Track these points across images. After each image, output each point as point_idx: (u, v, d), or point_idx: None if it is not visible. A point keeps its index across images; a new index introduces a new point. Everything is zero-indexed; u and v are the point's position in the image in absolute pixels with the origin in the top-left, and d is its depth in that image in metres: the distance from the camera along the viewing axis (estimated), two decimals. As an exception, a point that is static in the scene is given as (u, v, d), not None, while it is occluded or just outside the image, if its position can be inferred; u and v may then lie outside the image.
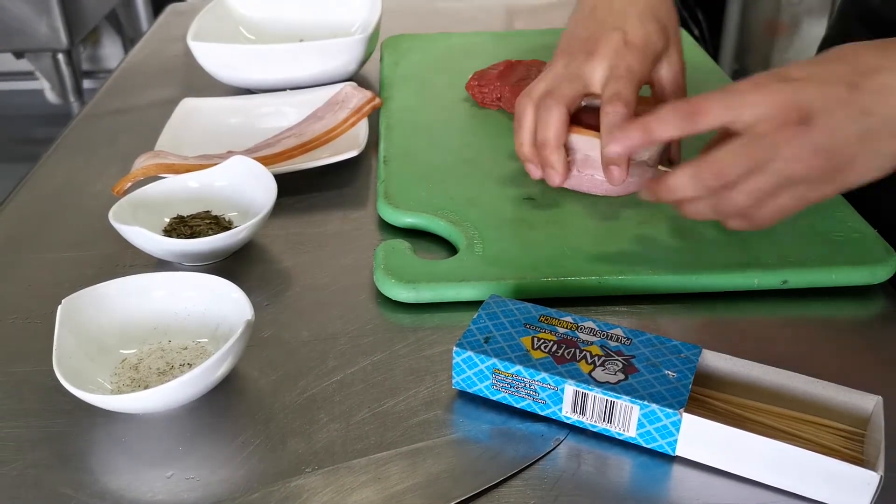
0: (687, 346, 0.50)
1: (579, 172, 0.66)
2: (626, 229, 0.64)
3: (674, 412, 0.46)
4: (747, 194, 0.53)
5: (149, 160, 0.70)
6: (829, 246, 0.62)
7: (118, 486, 0.46)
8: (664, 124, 0.55)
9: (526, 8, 1.21)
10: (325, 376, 0.53)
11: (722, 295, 0.60)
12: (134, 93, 0.95)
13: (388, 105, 0.85)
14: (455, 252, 0.63)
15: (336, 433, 0.49)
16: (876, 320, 0.59)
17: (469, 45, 0.99)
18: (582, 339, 0.50)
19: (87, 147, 0.83)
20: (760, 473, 0.46)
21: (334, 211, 0.71)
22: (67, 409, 0.51)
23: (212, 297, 0.55)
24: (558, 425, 0.49)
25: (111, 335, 0.54)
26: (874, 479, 0.42)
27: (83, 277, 0.61)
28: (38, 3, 1.89)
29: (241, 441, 0.49)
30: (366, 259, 0.64)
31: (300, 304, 0.60)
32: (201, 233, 0.64)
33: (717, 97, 0.53)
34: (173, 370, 0.53)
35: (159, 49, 1.08)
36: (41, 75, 2.19)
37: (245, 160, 0.69)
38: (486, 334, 0.51)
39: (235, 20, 1.00)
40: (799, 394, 0.49)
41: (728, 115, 0.52)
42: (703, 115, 0.53)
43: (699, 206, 0.55)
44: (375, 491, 0.45)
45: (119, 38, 2.82)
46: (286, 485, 0.46)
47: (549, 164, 0.65)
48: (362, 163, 0.78)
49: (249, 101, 0.87)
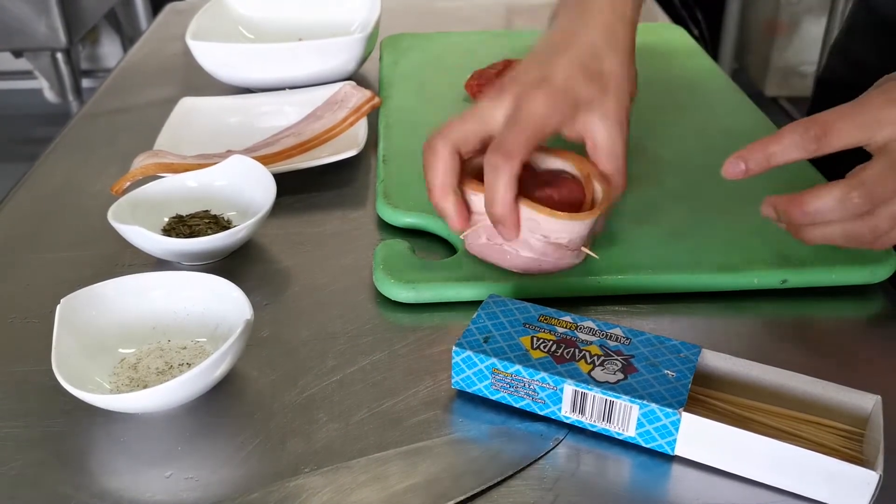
0: (686, 346, 0.50)
1: (488, 241, 0.59)
2: (625, 229, 0.64)
3: (673, 412, 0.46)
4: (889, 218, 0.50)
5: (147, 159, 0.70)
6: (828, 245, 0.62)
7: (117, 486, 0.46)
8: (788, 147, 0.50)
9: (525, 7, 1.21)
10: (324, 376, 0.53)
11: (722, 295, 0.60)
12: (133, 92, 0.95)
13: (388, 104, 0.85)
14: (454, 252, 0.63)
15: (335, 433, 0.49)
16: (875, 320, 0.59)
17: (468, 45, 0.99)
18: (581, 338, 0.50)
19: (86, 146, 0.83)
20: (760, 473, 0.46)
21: (333, 211, 0.71)
22: (66, 408, 0.51)
23: (211, 297, 0.55)
24: (558, 425, 0.49)
25: (110, 335, 0.54)
26: (873, 478, 0.42)
27: (82, 277, 0.61)
28: (37, 3, 1.89)
29: (241, 441, 0.49)
30: (365, 259, 0.64)
31: (299, 304, 0.60)
32: (200, 232, 0.64)
33: (848, 115, 0.49)
34: (172, 370, 0.53)
35: (158, 48, 1.08)
36: (40, 74, 2.19)
37: (244, 159, 0.69)
38: (486, 334, 0.51)
39: (234, 19, 1.00)
40: (798, 393, 0.49)
41: (863, 134, 0.49)
42: (833, 136, 0.49)
43: (832, 229, 0.52)
44: (375, 491, 0.45)
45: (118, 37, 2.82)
46: (285, 484, 0.46)
47: (441, 212, 0.58)
48: (361, 162, 0.78)
49: (248, 101, 0.87)
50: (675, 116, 0.81)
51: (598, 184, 0.59)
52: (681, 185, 0.71)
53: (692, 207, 0.67)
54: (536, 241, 0.57)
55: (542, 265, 0.58)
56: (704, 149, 0.76)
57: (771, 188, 0.70)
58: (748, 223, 0.65)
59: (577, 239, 0.57)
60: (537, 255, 0.58)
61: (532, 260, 0.58)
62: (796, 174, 0.71)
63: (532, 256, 0.58)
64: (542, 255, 0.58)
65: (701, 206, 0.67)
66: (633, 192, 0.69)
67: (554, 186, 0.58)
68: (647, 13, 1.21)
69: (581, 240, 0.58)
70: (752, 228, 0.64)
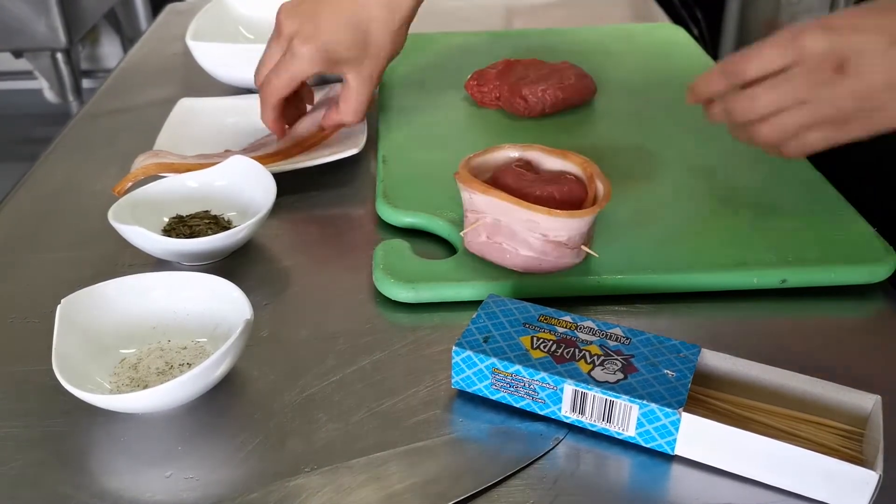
0: (686, 346, 0.50)
1: (488, 239, 0.59)
2: (625, 229, 0.64)
3: (673, 411, 0.46)
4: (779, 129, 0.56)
5: (148, 159, 0.70)
6: (828, 245, 0.62)
7: (117, 486, 0.46)
8: (704, 83, 0.59)
9: (525, 7, 1.21)
10: (324, 376, 0.53)
11: (722, 295, 0.60)
12: (133, 92, 0.95)
13: (388, 104, 0.85)
14: (454, 252, 0.63)
15: (335, 433, 0.49)
16: (875, 320, 0.59)
17: (468, 45, 0.99)
18: (581, 338, 0.50)
19: (86, 147, 0.83)
20: (760, 473, 0.46)
21: (333, 210, 0.71)
22: (67, 408, 0.51)
23: (211, 297, 0.55)
24: (557, 425, 0.49)
25: (110, 335, 0.54)
26: (873, 478, 0.42)
27: (82, 277, 0.61)
28: (37, 3, 1.89)
29: (241, 441, 0.49)
30: (365, 259, 0.64)
31: (299, 304, 0.60)
32: (200, 232, 0.64)
33: (757, 49, 0.55)
34: (172, 370, 0.53)
35: (158, 48, 1.08)
36: (40, 75, 2.19)
37: (244, 160, 0.69)
38: (486, 334, 0.51)
39: (234, 19, 1.00)
40: (798, 393, 0.49)
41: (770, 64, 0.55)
42: (744, 70, 0.56)
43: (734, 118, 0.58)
44: (374, 490, 0.45)
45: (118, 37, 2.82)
46: (285, 484, 0.46)
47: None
48: (362, 162, 0.78)
49: (248, 101, 0.87)
50: (675, 116, 0.81)
51: (601, 183, 0.59)
52: (681, 185, 0.71)
53: (692, 207, 0.67)
54: (536, 240, 0.57)
55: (543, 264, 0.58)
56: (704, 149, 0.76)
57: (771, 188, 0.70)
58: (748, 223, 0.65)
59: (576, 237, 0.57)
60: (537, 253, 0.58)
61: (532, 259, 0.58)
62: (796, 174, 0.71)
63: (532, 255, 0.58)
64: (542, 254, 0.58)
65: (701, 206, 0.67)
66: (633, 192, 0.69)
67: (556, 185, 0.58)
68: (647, 13, 1.21)
69: (581, 237, 0.58)
70: (752, 228, 0.64)
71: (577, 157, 0.62)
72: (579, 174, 0.61)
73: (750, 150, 0.64)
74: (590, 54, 0.94)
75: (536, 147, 0.63)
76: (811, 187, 0.69)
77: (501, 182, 0.60)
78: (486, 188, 0.57)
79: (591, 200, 0.59)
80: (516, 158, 0.63)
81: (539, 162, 0.63)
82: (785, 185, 0.70)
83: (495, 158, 0.63)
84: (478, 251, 0.60)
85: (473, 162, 0.62)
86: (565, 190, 0.58)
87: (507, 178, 0.60)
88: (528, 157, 0.63)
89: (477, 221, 0.59)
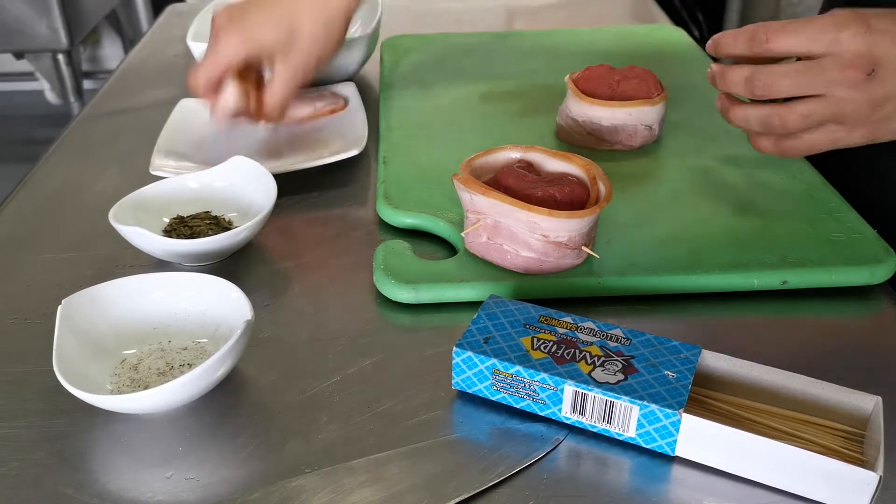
0: (686, 347, 0.50)
1: (489, 240, 0.59)
2: (626, 230, 0.64)
3: (673, 412, 0.46)
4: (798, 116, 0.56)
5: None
6: (828, 246, 0.62)
7: (118, 487, 0.46)
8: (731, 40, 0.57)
9: (526, 8, 1.21)
10: (324, 377, 0.53)
11: (722, 295, 0.60)
12: (134, 93, 0.95)
13: (388, 105, 0.85)
14: (454, 252, 0.63)
15: (335, 433, 0.49)
16: (875, 320, 0.59)
17: (469, 46, 0.99)
18: (581, 339, 0.50)
19: (87, 147, 0.83)
20: (760, 474, 0.46)
21: (334, 211, 0.71)
22: (67, 409, 0.51)
23: (212, 298, 0.55)
24: (558, 425, 0.49)
25: (111, 335, 0.54)
26: (873, 479, 0.42)
27: (83, 278, 0.61)
28: (37, 4, 1.89)
29: (241, 441, 0.49)
30: (365, 259, 0.64)
31: (300, 305, 0.60)
32: (201, 233, 0.64)
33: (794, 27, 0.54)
34: (173, 370, 0.53)
35: (159, 49, 1.08)
36: (41, 76, 2.19)
37: (245, 160, 0.69)
38: (486, 335, 0.51)
39: (235, 20, 1.00)
40: (798, 394, 0.49)
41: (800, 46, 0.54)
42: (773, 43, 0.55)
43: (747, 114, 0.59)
44: (375, 491, 0.45)
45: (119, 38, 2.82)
46: (286, 485, 0.46)
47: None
48: (362, 163, 0.78)
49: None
50: (674, 117, 0.81)
51: (603, 185, 0.59)
52: (681, 185, 0.71)
53: (692, 208, 0.67)
54: (536, 241, 0.57)
55: (543, 265, 0.58)
56: (704, 149, 0.76)
57: (771, 190, 0.70)
58: (748, 223, 0.65)
59: (576, 237, 0.57)
60: (538, 254, 0.58)
61: (533, 259, 0.58)
62: (796, 175, 0.71)
63: (533, 256, 0.58)
64: (543, 255, 0.58)
65: (701, 207, 0.67)
66: (633, 192, 0.69)
67: (557, 187, 0.58)
68: (647, 14, 1.21)
69: (581, 238, 0.58)
70: (752, 229, 0.64)
71: (580, 158, 0.62)
72: (582, 176, 0.61)
73: (750, 152, 0.64)
74: (590, 56, 0.94)
75: (538, 149, 0.63)
76: (811, 188, 0.69)
77: (503, 183, 0.60)
78: (486, 189, 0.58)
79: (594, 202, 0.59)
80: (518, 160, 0.63)
81: (541, 164, 0.63)
82: (785, 186, 0.70)
83: (497, 159, 0.63)
84: (478, 252, 0.61)
85: (475, 163, 0.62)
86: (567, 191, 0.58)
87: (509, 179, 0.60)
88: (529, 159, 0.63)
89: (478, 222, 0.59)
